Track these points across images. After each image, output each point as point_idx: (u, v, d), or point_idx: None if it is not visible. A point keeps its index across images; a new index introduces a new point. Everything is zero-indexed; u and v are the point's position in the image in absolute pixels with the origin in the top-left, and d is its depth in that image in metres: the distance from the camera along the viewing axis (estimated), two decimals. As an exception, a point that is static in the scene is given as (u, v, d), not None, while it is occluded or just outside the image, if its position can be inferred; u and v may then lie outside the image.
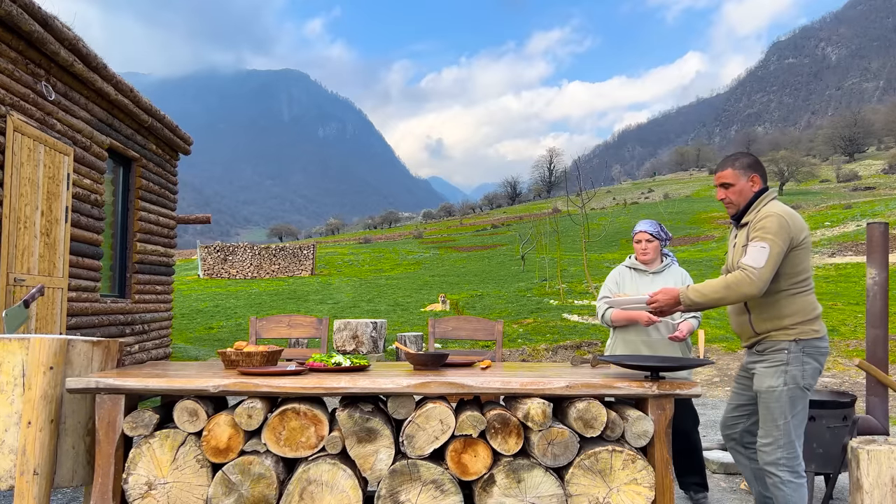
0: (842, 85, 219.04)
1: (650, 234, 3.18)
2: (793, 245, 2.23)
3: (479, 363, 2.42)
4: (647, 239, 3.18)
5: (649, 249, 3.17)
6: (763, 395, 2.26)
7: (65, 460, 2.03)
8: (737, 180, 2.36)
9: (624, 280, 3.24)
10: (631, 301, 2.49)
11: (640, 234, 3.20)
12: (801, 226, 2.27)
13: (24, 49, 4.76)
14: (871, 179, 53.43)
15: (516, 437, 1.86)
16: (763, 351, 2.31)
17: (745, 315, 2.35)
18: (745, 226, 2.35)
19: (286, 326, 3.35)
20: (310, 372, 2.11)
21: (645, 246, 3.18)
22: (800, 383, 2.24)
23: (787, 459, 2.23)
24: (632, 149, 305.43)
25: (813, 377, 2.28)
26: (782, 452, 2.22)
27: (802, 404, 2.26)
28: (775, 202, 2.33)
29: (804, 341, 2.25)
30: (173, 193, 8.39)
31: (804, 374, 2.25)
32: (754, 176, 2.36)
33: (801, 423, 2.26)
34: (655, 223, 3.24)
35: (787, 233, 2.20)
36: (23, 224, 4.58)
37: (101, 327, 6.25)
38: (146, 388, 1.90)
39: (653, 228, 3.21)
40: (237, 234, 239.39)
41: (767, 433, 2.24)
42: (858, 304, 11.48)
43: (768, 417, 2.24)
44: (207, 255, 24.50)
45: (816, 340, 2.28)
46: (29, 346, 1.98)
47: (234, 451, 1.88)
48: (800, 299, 2.28)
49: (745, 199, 2.36)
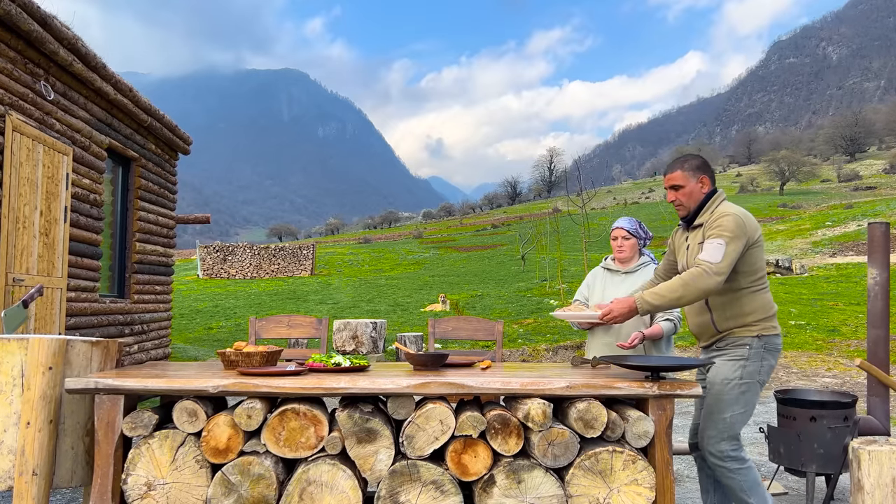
0: (843, 84, 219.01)
1: (627, 231, 3.06)
2: (749, 243, 2.27)
3: (479, 363, 2.42)
4: (624, 236, 3.06)
5: (625, 247, 3.05)
6: (716, 387, 2.30)
7: (64, 461, 2.02)
8: (686, 182, 2.38)
9: (595, 281, 3.14)
10: (580, 317, 2.39)
11: (616, 231, 3.10)
12: (756, 225, 2.33)
13: (22, 48, 4.75)
14: (872, 179, 53.48)
15: (516, 438, 1.86)
16: (724, 346, 2.35)
17: (707, 315, 2.38)
18: (697, 227, 2.38)
19: (286, 327, 3.35)
20: (309, 372, 2.10)
21: (621, 243, 3.06)
22: (755, 378, 2.30)
23: (732, 450, 2.28)
24: (632, 148, 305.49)
25: (767, 373, 2.35)
26: (727, 445, 2.27)
27: (752, 401, 2.32)
28: (727, 203, 2.38)
29: (766, 337, 2.31)
30: (172, 193, 8.38)
31: (761, 370, 2.31)
32: (703, 177, 2.38)
33: (746, 417, 2.31)
34: (634, 220, 3.12)
35: (743, 231, 2.24)
36: (22, 224, 4.57)
37: (100, 327, 6.24)
38: (145, 389, 1.89)
39: (630, 225, 3.09)
40: (236, 234, 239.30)
41: (713, 424, 2.28)
42: (859, 305, 11.48)
43: (715, 409, 2.29)
44: (207, 255, 24.48)
45: (775, 337, 2.34)
46: (28, 347, 1.98)
47: (233, 452, 1.87)
48: (760, 296, 2.33)
49: (695, 201, 2.39)
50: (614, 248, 3.09)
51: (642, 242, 3.09)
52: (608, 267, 3.15)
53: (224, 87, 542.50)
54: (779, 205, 40.27)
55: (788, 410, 2.99)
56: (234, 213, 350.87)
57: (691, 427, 2.53)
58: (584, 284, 3.18)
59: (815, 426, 2.86)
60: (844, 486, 3.31)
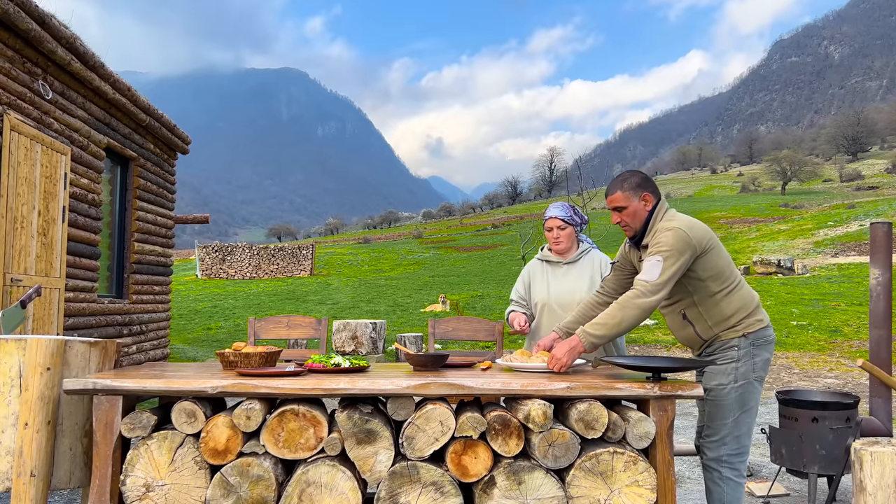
0: (845, 84, 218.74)
1: (562, 220, 2.79)
2: (698, 253, 2.20)
3: (479, 364, 2.41)
4: (559, 226, 2.80)
5: (562, 237, 2.80)
6: (712, 392, 2.25)
7: (62, 462, 2.01)
8: (628, 202, 2.29)
9: (534, 277, 2.89)
10: (529, 367, 2.18)
11: (550, 221, 2.82)
12: (703, 233, 2.23)
13: (20, 47, 4.74)
14: (874, 179, 53.44)
15: (517, 439, 1.85)
16: (713, 352, 2.30)
17: (690, 328, 2.33)
18: (646, 247, 2.29)
19: (285, 327, 3.34)
20: (309, 373, 2.10)
21: (557, 234, 2.80)
22: (751, 377, 2.24)
23: (729, 456, 2.22)
24: (633, 148, 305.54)
25: (764, 368, 2.28)
26: (726, 449, 2.22)
27: (754, 399, 2.25)
28: (670, 214, 2.29)
29: (752, 334, 2.25)
30: (171, 193, 8.36)
31: (755, 367, 2.25)
32: (645, 195, 2.30)
33: (750, 419, 2.25)
34: (567, 206, 2.86)
35: (686, 244, 2.16)
36: (20, 224, 4.55)
37: (98, 328, 6.23)
38: (144, 390, 1.88)
39: (564, 213, 2.82)
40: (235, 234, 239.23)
41: (715, 431, 2.24)
42: (861, 305, 11.48)
43: (717, 414, 2.24)
44: (206, 256, 24.46)
45: (763, 330, 2.28)
46: (26, 347, 1.97)
47: (232, 453, 1.86)
48: (736, 296, 2.27)
49: (640, 220, 2.30)
50: (550, 240, 2.84)
51: (579, 229, 2.88)
52: (547, 259, 2.90)
53: (223, 86, 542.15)
54: (780, 205, 40.31)
55: (790, 411, 2.98)
56: (233, 212, 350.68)
57: (697, 428, 2.50)
58: (521, 282, 2.93)
59: (817, 427, 2.85)
60: (846, 487, 3.30)
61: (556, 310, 2.81)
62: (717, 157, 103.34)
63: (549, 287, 2.83)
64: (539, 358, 2.25)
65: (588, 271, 2.81)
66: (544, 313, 2.84)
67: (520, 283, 2.96)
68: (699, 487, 3.45)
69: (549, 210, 2.87)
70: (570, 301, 2.78)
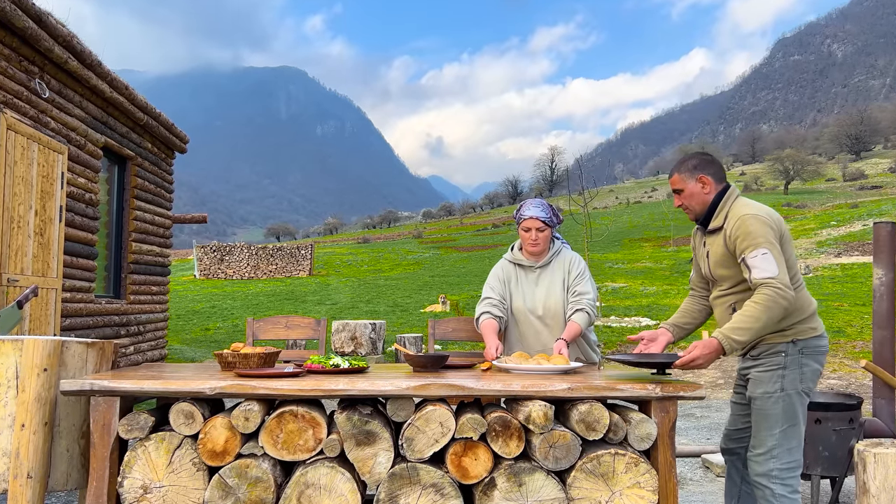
0: (848, 82, 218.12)
1: (542, 222, 2.59)
2: (780, 239, 2.10)
3: (479, 365, 2.40)
4: (539, 227, 2.59)
5: (541, 240, 2.60)
6: (757, 402, 2.12)
7: (59, 463, 2.00)
8: (684, 184, 2.23)
9: (510, 279, 2.69)
10: (529, 369, 2.02)
11: (528, 222, 2.59)
12: (779, 217, 2.16)
13: (17, 46, 4.72)
14: (877, 178, 53.31)
15: (517, 440, 1.84)
16: (758, 355, 2.15)
17: None
18: (716, 232, 2.20)
19: (284, 328, 3.32)
20: (308, 374, 2.08)
21: (535, 236, 2.60)
22: (798, 388, 2.10)
23: (779, 471, 2.07)
24: (634, 147, 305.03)
25: (812, 380, 2.14)
26: (776, 463, 2.07)
27: (802, 410, 2.12)
28: (740, 201, 2.18)
29: (802, 341, 2.11)
30: (169, 192, 8.34)
31: (803, 378, 2.11)
32: (702, 177, 2.21)
33: (799, 432, 2.11)
34: (546, 206, 2.65)
35: (770, 228, 2.06)
36: (16, 224, 4.53)
37: (95, 328, 6.21)
38: (141, 391, 1.87)
39: (544, 213, 2.60)
40: (234, 234, 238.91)
41: (761, 442, 2.11)
42: (865, 305, 11.46)
43: (763, 425, 2.11)
44: (204, 256, 24.41)
45: (815, 339, 2.13)
46: (22, 348, 1.96)
47: (230, 455, 1.85)
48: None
49: (699, 203, 2.22)
50: (527, 242, 2.62)
51: (555, 229, 2.70)
52: (518, 262, 2.70)
53: (221, 84, 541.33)
54: (783, 204, 40.31)
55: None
56: (232, 212, 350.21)
57: (724, 432, 2.39)
58: (497, 280, 2.70)
59: (820, 428, 2.83)
60: (849, 489, 3.28)
61: (532, 319, 2.65)
62: (720, 156, 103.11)
63: (523, 294, 2.65)
64: (539, 360, 2.25)
65: (560, 274, 2.65)
66: (519, 322, 2.68)
67: (496, 281, 2.71)
68: (701, 489, 3.44)
69: (526, 208, 2.64)
70: (546, 309, 2.63)
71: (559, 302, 2.64)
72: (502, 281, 2.71)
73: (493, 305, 2.65)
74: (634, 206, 49.28)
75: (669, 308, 13.01)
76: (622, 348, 9.20)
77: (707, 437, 4.71)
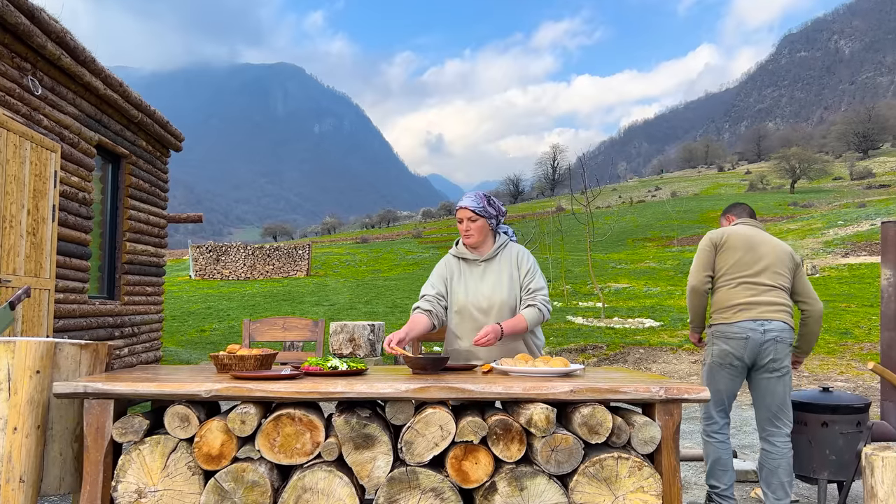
0: (855, 79, 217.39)
1: (473, 212, 2.54)
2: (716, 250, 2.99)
3: (480, 367, 2.37)
4: (469, 217, 2.54)
5: (472, 230, 2.55)
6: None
7: (52, 467, 1.97)
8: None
9: (452, 274, 2.63)
10: (529, 371, 2.02)
11: (459, 212, 2.57)
12: (721, 235, 2.97)
13: (9, 42, 4.66)
14: (885, 177, 53.03)
15: (519, 444, 1.82)
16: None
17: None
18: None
19: (281, 329, 3.29)
20: (305, 376, 2.06)
21: (467, 226, 2.55)
22: (707, 361, 2.93)
23: (704, 423, 2.94)
24: (638, 145, 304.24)
25: (721, 356, 2.86)
26: (702, 415, 2.96)
27: (711, 378, 2.90)
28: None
29: (715, 326, 2.91)
30: (164, 191, 8.27)
31: (712, 353, 2.90)
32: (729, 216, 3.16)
33: (712, 396, 2.86)
34: (480, 196, 2.61)
35: (707, 243, 3.00)
36: (8, 223, 4.48)
37: (89, 330, 6.15)
38: (136, 393, 1.84)
39: (475, 203, 2.56)
40: (230, 234, 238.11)
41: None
42: (873, 306, 11.39)
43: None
44: (199, 256, 24.30)
45: (724, 326, 2.86)
46: (15, 350, 1.92)
47: (226, 458, 1.82)
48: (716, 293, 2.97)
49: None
50: (461, 233, 2.60)
51: (494, 221, 2.61)
52: (463, 256, 2.64)
53: (217, 81, 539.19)
54: (789, 203, 40.27)
55: (799, 415, 2.93)
56: (228, 211, 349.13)
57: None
58: (439, 277, 2.64)
59: (827, 432, 2.80)
60: (857, 493, 3.26)
61: (476, 314, 2.59)
62: (725, 154, 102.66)
63: (466, 289, 2.59)
64: (541, 362, 2.23)
65: (507, 269, 2.59)
66: (463, 318, 2.62)
67: (437, 278, 2.65)
68: (705, 493, 3.42)
69: (461, 199, 2.63)
70: (490, 304, 2.57)
71: (506, 296, 2.56)
72: (443, 277, 2.66)
73: (428, 301, 2.61)
74: (638, 206, 49.18)
75: (674, 309, 12.89)
76: (626, 350, 9.18)
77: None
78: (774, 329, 2.77)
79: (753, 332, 2.76)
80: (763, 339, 2.76)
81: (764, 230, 2.97)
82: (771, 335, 2.77)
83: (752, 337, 2.76)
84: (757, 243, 2.86)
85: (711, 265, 2.89)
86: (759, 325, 2.77)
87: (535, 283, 2.57)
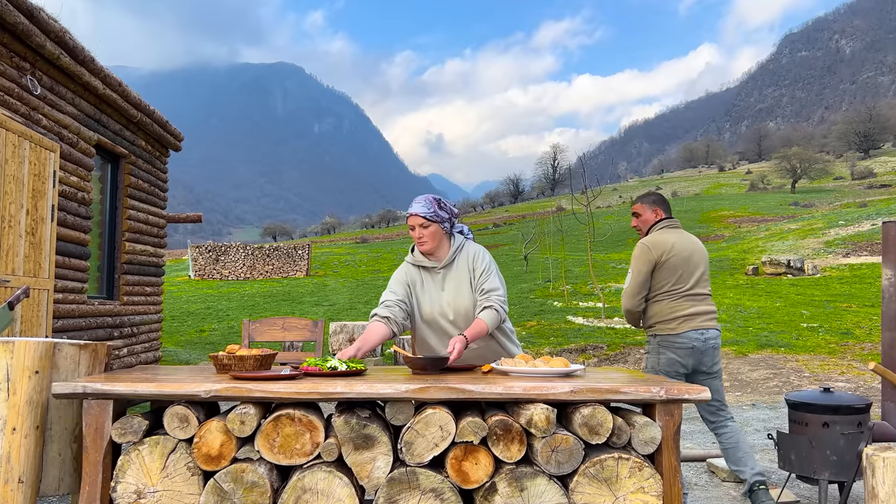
0: (856, 79, 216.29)
1: (424, 217, 2.45)
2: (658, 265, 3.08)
3: (480, 367, 2.37)
4: (421, 224, 2.45)
5: (426, 237, 2.46)
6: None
7: (51, 468, 1.96)
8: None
9: (414, 283, 2.55)
10: (529, 371, 2.01)
11: (410, 219, 2.48)
12: (660, 246, 3.05)
13: (8, 41, 4.65)
14: (886, 177, 52.68)
15: (519, 444, 1.82)
16: (646, 343, 3.20)
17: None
18: None
19: (280, 329, 3.29)
20: (304, 376, 2.05)
21: (420, 233, 2.47)
22: (656, 369, 3.03)
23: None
24: (638, 145, 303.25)
25: (668, 364, 3.01)
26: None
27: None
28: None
29: (661, 336, 3.05)
30: (163, 191, 8.27)
31: (659, 362, 3.03)
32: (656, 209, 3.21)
33: None
34: (430, 200, 2.50)
35: (646, 257, 3.07)
36: (7, 223, 4.47)
37: (88, 330, 6.14)
38: (135, 393, 1.83)
39: (425, 209, 2.46)
40: (229, 234, 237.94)
41: None
42: (874, 306, 11.33)
43: None
44: (198, 256, 24.27)
45: (671, 336, 3.00)
46: (13, 350, 1.92)
47: (226, 459, 1.82)
48: (656, 305, 3.08)
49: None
50: (414, 240, 2.52)
51: (447, 225, 2.52)
52: (420, 264, 2.55)
53: (217, 81, 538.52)
54: (790, 203, 40.16)
55: (800, 416, 2.92)
56: (227, 211, 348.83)
57: None
58: (399, 283, 2.55)
59: (828, 432, 2.79)
60: (858, 494, 3.25)
61: (443, 323, 2.54)
62: (725, 154, 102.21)
63: (430, 299, 2.52)
64: (542, 362, 2.22)
65: (465, 273, 2.51)
66: (431, 328, 2.57)
67: (398, 284, 2.54)
68: (706, 494, 3.42)
69: (410, 206, 2.54)
70: (455, 313, 2.51)
71: (469, 303, 2.51)
72: (404, 283, 2.55)
73: (387, 307, 2.49)
74: (638, 206, 48.95)
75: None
76: (626, 351, 9.17)
77: (712, 441, 4.69)
78: (712, 336, 3.08)
79: (697, 341, 3.01)
80: (705, 346, 3.04)
81: (681, 227, 3.17)
82: (711, 342, 3.06)
83: (696, 346, 3.01)
84: (689, 253, 3.06)
85: (648, 285, 3.06)
86: (701, 334, 3.03)
87: (489, 284, 2.50)
